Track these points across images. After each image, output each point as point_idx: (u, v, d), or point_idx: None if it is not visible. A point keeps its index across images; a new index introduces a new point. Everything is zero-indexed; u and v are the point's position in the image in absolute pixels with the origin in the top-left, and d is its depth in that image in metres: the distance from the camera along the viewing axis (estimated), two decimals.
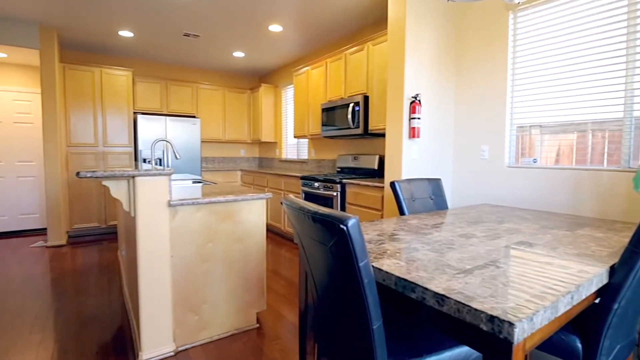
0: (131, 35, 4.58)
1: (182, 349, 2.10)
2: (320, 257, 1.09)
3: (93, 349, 2.12)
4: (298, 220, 1.15)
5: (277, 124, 6.20)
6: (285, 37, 4.58)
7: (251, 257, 2.30)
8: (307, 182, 4.08)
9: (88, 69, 4.86)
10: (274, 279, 3.27)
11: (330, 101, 4.20)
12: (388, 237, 1.49)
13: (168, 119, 5.31)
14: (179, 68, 6.12)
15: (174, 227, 2.02)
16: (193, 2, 3.54)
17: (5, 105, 5.02)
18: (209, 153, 6.45)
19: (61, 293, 2.98)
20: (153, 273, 1.97)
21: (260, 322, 2.43)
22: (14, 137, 5.10)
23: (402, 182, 2.17)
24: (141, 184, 1.89)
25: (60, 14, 3.92)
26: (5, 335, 2.28)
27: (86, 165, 4.92)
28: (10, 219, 5.14)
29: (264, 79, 6.77)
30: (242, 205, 2.22)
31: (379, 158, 3.89)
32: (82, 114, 4.85)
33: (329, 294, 1.12)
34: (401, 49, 2.70)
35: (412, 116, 2.67)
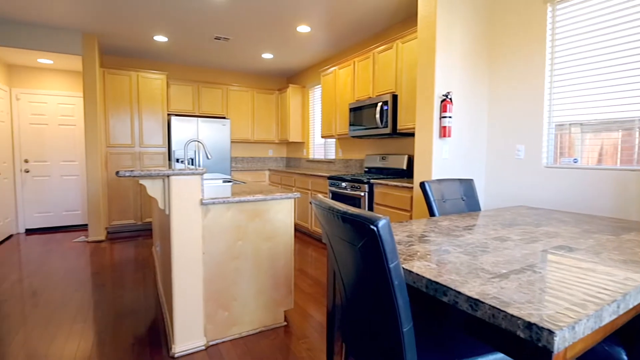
0: (165, 40, 4.76)
1: (213, 344, 2.16)
2: (349, 257, 1.09)
3: (129, 340, 2.22)
4: (327, 220, 1.15)
5: (304, 124, 6.24)
6: (313, 37, 4.60)
7: (279, 255, 2.33)
8: (335, 182, 4.08)
9: (126, 73, 5.09)
10: (301, 278, 3.30)
11: (358, 101, 4.18)
12: (418, 238, 1.46)
13: (200, 120, 5.47)
14: (209, 70, 6.30)
15: (205, 225, 2.08)
16: (224, 6, 3.63)
17: (51, 109, 5.36)
18: (238, 153, 6.59)
19: (100, 286, 3.14)
20: (186, 269, 2.04)
21: (288, 320, 2.46)
22: (59, 138, 5.43)
23: (432, 183, 2.13)
24: (175, 183, 1.96)
25: (101, 22, 4.13)
26: (50, 324, 2.43)
27: (123, 165, 5.17)
28: (55, 215, 5.49)
29: (291, 80, 6.84)
30: (271, 204, 2.26)
31: (408, 158, 3.82)
32: (120, 116, 5.09)
33: (358, 294, 1.12)
34: (431, 46, 2.64)
35: (443, 115, 2.61)
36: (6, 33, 4.17)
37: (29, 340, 2.22)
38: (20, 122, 5.18)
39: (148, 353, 2.06)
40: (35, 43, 4.31)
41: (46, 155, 5.37)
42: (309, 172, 4.90)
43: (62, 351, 2.09)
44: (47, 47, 4.37)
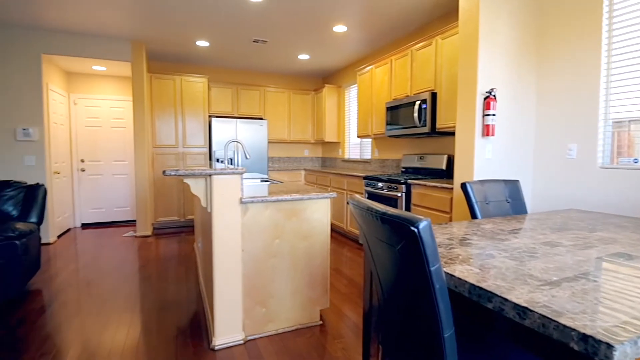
0: (207, 45, 4.95)
1: (251, 339, 2.22)
2: (387, 258, 1.07)
3: (172, 331, 2.33)
4: (365, 221, 1.14)
5: (340, 124, 6.23)
6: (349, 37, 4.58)
7: (316, 254, 2.35)
8: (371, 182, 4.04)
9: (170, 78, 5.36)
10: (337, 278, 3.30)
11: (395, 99, 4.11)
12: (459, 241, 1.41)
13: (238, 121, 5.64)
14: (248, 73, 6.47)
15: (244, 223, 2.14)
16: (262, 10, 3.71)
17: (104, 112, 5.76)
18: (275, 153, 6.71)
19: (146, 278, 3.33)
20: (226, 265, 2.11)
21: (324, 319, 2.47)
22: (111, 139, 5.83)
23: (474, 184, 2.05)
24: (217, 182, 2.04)
25: (148, 30, 4.38)
26: (102, 312, 2.61)
27: (168, 165, 5.44)
28: (107, 211, 5.89)
29: (327, 80, 6.86)
30: (307, 204, 2.28)
31: (448, 158, 3.70)
32: (165, 118, 5.36)
33: (396, 296, 1.10)
34: (474, 41, 2.53)
35: (486, 113, 2.50)
36: (66, 43, 4.53)
37: (84, 327, 2.40)
38: (77, 124, 5.62)
39: (190, 344, 2.16)
40: (91, 51, 4.65)
41: (99, 155, 5.78)
42: (344, 172, 4.89)
43: (113, 338, 2.24)
44: (101, 55, 4.70)
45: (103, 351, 2.09)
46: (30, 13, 3.89)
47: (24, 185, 3.22)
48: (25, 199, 3.16)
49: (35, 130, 4.46)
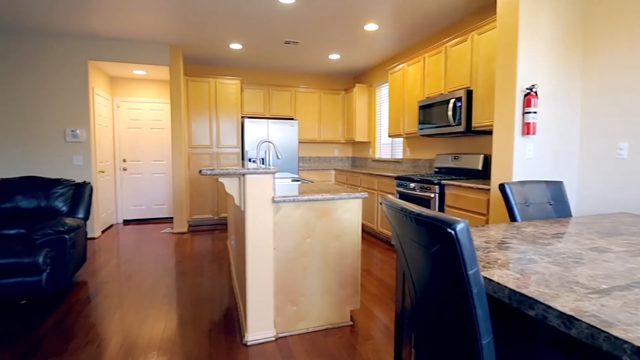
0: (240, 48, 5.07)
1: (282, 336, 2.25)
2: (421, 260, 1.05)
3: (207, 325, 2.41)
4: (398, 222, 1.12)
5: (370, 123, 6.18)
6: (380, 35, 4.53)
7: (346, 254, 2.34)
8: (402, 183, 3.97)
9: (205, 80, 5.54)
10: (367, 279, 3.27)
11: (428, 98, 4.02)
12: (497, 245, 1.35)
13: (270, 122, 5.73)
14: (279, 74, 6.56)
15: (276, 222, 2.17)
16: (294, 11, 3.75)
17: (144, 114, 6.05)
18: (305, 153, 6.76)
19: (182, 273, 3.46)
20: (258, 263, 2.15)
21: (354, 320, 2.46)
22: (150, 140, 6.11)
23: (513, 185, 1.96)
24: (250, 182, 2.08)
25: (185, 35, 4.55)
26: (142, 305, 2.74)
27: (203, 164, 5.62)
28: (147, 208, 6.18)
29: (358, 79, 6.82)
30: (339, 203, 2.27)
31: (484, 158, 3.57)
32: (200, 120, 5.55)
33: (430, 300, 1.07)
34: (513, 35, 2.42)
35: (527, 110, 2.38)
36: (110, 50, 4.80)
37: (125, 318, 2.53)
38: (119, 126, 5.94)
39: (223, 339, 2.22)
40: (132, 57, 4.90)
41: (140, 155, 6.07)
42: (375, 172, 4.84)
43: (151, 330, 2.34)
44: (141, 59, 4.94)
45: (142, 342, 2.20)
46: (79, 22, 4.15)
47: (73, 183, 3.45)
48: (74, 196, 3.38)
49: (83, 132, 4.76)
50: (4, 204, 3.18)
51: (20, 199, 3.22)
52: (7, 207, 3.18)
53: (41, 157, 4.65)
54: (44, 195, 3.26)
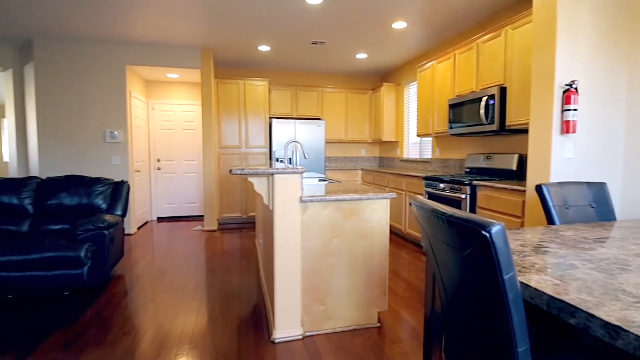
0: (268, 49, 5.14)
1: (309, 335, 2.26)
2: (453, 263, 1.02)
3: (235, 321, 2.46)
4: (429, 223, 1.10)
5: (398, 122, 6.09)
6: (409, 33, 4.45)
7: (374, 255, 2.32)
8: (431, 183, 3.88)
9: (234, 82, 5.66)
10: (395, 280, 3.23)
11: (458, 96, 3.91)
12: (534, 248, 1.29)
13: (297, 122, 5.78)
14: (306, 74, 6.60)
15: (304, 221, 2.18)
16: (321, 11, 3.75)
17: (177, 116, 6.27)
18: (332, 153, 6.76)
19: (212, 270, 3.56)
20: (286, 261, 2.17)
21: (381, 321, 2.43)
22: (183, 141, 6.32)
23: (551, 186, 1.86)
24: (279, 181, 2.11)
25: (216, 38, 4.67)
26: (175, 300, 2.84)
27: (232, 164, 5.76)
28: (179, 206, 6.40)
29: (385, 78, 6.74)
30: (366, 203, 2.26)
31: (519, 157, 3.43)
32: (230, 121, 5.68)
33: (462, 304, 1.04)
34: (551, 28, 2.31)
35: (566, 107, 2.26)
36: (146, 54, 5.01)
37: (158, 311, 2.63)
38: (154, 127, 6.18)
39: (252, 335, 2.26)
40: (166, 61, 5.09)
41: (173, 155, 6.30)
42: (403, 172, 4.77)
43: (184, 324, 2.43)
44: (174, 63, 5.12)
45: (175, 335, 2.28)
46: (118, 29, 4.36)
47: (111, 182, 3.63)
48: (113, 194, 3.56)
49: (121, 133, 5.00)
50: (50, 201, 3.39)
51: (65, 196, 3.42)
52: (53, 204, 3.39)
53: (83, 157, 4.93)
54: (85, 193, 3.45)
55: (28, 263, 2.76)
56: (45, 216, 3.38)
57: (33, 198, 3.42)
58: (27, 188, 3.42)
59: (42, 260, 2.77)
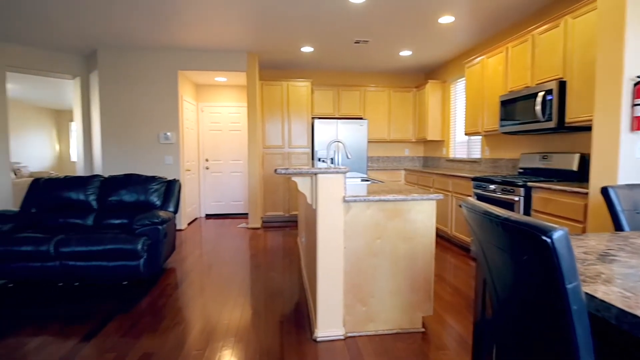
0: (311, 50, 5.19)
1: (351, 336, 2.25)
2: (507, 270, 0.96)
3: (278, 317, 2.51)
4: (481, 226, 1.04)
5: (444, 121, 5.87)
6: (456, 27, 4.27)
7: (418, 258, 2.25)
8: (481, 184, 3.70)
9: (278, 84, 5.78)
10: (440, 285, 3.12)
11: (511, 92, 3.68)
12: (599, 257, 1.18)
13: (339, 122, 5.78)
14: (348, 74, 6.57)
15: (347, 221, 2.17)
16: (364, 9, 3.72)
17: (224, 118, 6.54)
18: (374, 152, 6.68)
19: (256, 266, 3.66)
20: (329, 261, 2.18)
21: (426, 327, 2.36)
22: (229, 141, 6.58)
23: (619, 188, 1.70)
24: (322, 181, 2.12)
25: (261, 41, 4.80)
26: (221, 294, 2.96)
27: (276, 164, 5.89)
28: (225, 204, 6.67)
29: (430, 75, 6.53)
30: (411, 205, 2.20)
31: (580, 157, 3.16)
32: (273, 121, 5.82)
33: (517, 313, 0.98)
34: (618, 15, 2.10)
35: (637, 102, 2.05)
36: (196, 60, 5.28)
37: (206, 304, 2.76)
38: (203, 129, 6.50)
39: (294, 332, 2.30)
40: (215, 65, 5.32)
41: (220, 155, 6.58)
42: (449, 172, 4.59)
43: (229, 318, 2.52)
44: (222, 67, 5.34)
45: (221, 327, 2.37)
46: (171, 36, 4.63)
47: (165, 180, 3.86)
48: (166, 191, 3.79)
49: (173, 135, 5.31)
50: (111, 197, 3.68)
51: (124, 193, 3.70)
52: (114, 200, 3.68)
53: (140, 157, 5.30)
54: (142, 190, 3.71)
55: (92, 254, 3.02)
56: (107, 211, 3.67)
57: (97, 194, 3.74)
58: (92, 185, 3.74)
59: (105, 251, 3.02)
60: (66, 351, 2.08)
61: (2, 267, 3.00)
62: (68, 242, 3.02)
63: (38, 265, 3.03)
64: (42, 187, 3.67)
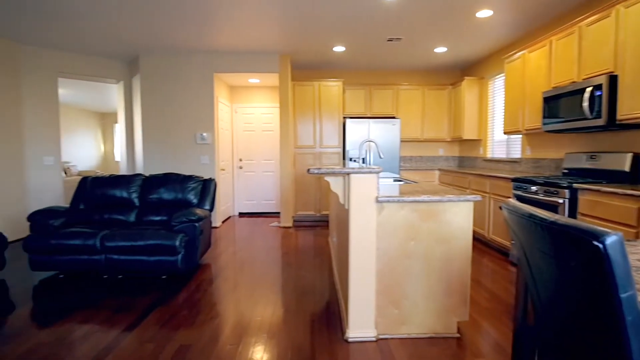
0: (343, 50, 5.18)
1: (383, 338, 2.22)
2: (552, 276, 0.91)
3: (309, 316, 2.53)
4: (524, 229, 0.99)
5: (481, 119, 5.65)
6: (495, 21, 4.10)
7: (454, 261, 2.19)
8: (521, 185, 3.53)
9: (309, 84, 5.82)
10: (476, 290, 3.00)
11: (555, 87, 3.48)
12: None
13: (371, 121, 5.72)
14: (380, 73, 6.49)
15: (379, 222, 2.15)
16: (397, 6, 3.65)
17: (257, 118, 6.67)
18: (407, 152, 6.56)
19: (288, 265, 3.70)
20: (361, 261, 2.17)
21: (461, 332, 2.28)
22: (262, 141, 6.71)
23: None
24: (355, 181, 2.11)
25: (293, 43, 4.85)
26: (254, 291, 3.02)
27: (307, 164, 5.93)
28: (257, 203, 6.81)
29: (466, 72, 6.31)
30: (447, 206, 2.14)
31: (633, 157, 2.93)
32: (305, 121, 5.86)
33: (562, 322, 0.92)
34: None
35: None
36: (230, 62, 5.42)
37: (239, 300, 2.83)
38: (237, 129, 6.67)
39: (325, 331, 2.30)
40: (248, 67, 5.45)
41: (252, 155, 6.72)
42: (486, 172, 4.41)
43: (262, 314, 2.57)
44: (255, 69, 5.45)
45: (254, 324, 2.42)
46: (207, 40, 4.79)
47: (201, 179, 4.00)
48: (202, 190, 3.92)
49: (209, 135, 5.49)
50: (151, 195, 3.87)
51: (163, 191, 3.87)
52: (154, 198, 3.86)
53: (177, 157, 5.53)
54: (180, 188, 3.86)
55: (135, 249, 3.19)
56: (147, 208, 3.86)
57: (139, 192, 3.94)
58: (134, 184, 3.94)
59: (146, 247, 3.17)
60: (110, 340, 2.21)
61: (55, 259, 3.24)
62: (112, 237, 3.21)
63: (85, 258, 3.23)
64: (90, 185, 3.91)
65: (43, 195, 5.11)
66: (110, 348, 2.12)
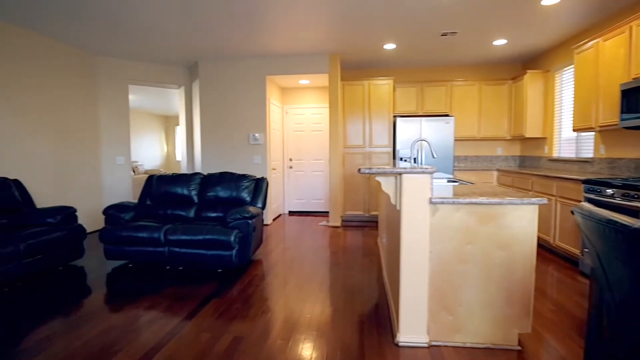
0: (394, 47, 5.07)
1: (435, 344, 2.14)
2: (634, 286, 0.81)
3: (358, 317, 2.51)
4: (600, 236, 0.90)
5: (546, 115, 5.22)
6: (562, 8, 3.76)
7: (515, 268, 2.04)
8: (594, 188, 3.20)
9: (359, 83, 5.78)
10: (540, 300, 2.78)
11: (635, 79, 3.11)
12: None
13: (423, 120, 5.54)
14: (433, 69, 6.26)
15: (433, 224, 2.07)
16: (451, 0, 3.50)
17: (307, 119, 6.77)
18: (461, 151, 6.26)
19: (336, 264, 3.71)
20: (413, 264, 2.11)
21: (522, 345, 2.13)
22: (311, 141, 6.80)
23: None
24: (407, 181, 2.05)
25: (342, 43, 4.85)
26: (303, 289, 3.07)
27: (356, 164, 5.90)
28: (307, 202, 6.91)
29: (528, 65, 5.86)
30: (507, 209, 2.00)
31: None
32: (354, 121, 5.83)
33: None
34: None
35: None
36: (281, 65, 5.57)
37: (289, 297, 2.89)
38: (287, 130, 6.82)
39: (375, 333, 2.27)
40: (299, 69, 5.55)
41: (302, 155, 6.84)
42: (552, 173, 4.07)
43: (311, 312, 2.60)
44: (306, 70, 5.54)
45: (303, 321, 2.46)
46: (260, 45, 4.96)
47: (254, 178, 4.15)
48: (255, 189, 4.07)
49: (261, 136, 5.68)
50: (209, 193, 4.09)
51: (220, 189, 4.07)
52: (211, 196, 4.08)
53: (232, 157, 5.79)
54: (234, 187, 4.04)
55: (194, 243, 3.39)
56: (205, 205, 4.09)
57: (198, 190, 4.19)
58: (193, 182, 4.20)
59: (204, 241, 3.37)
60: (172, 327, 2.38)
61: (125, 249, 3.56)
62: (175, 231, 3.45)
63: (151, 250, 3.51)
64: (155, 183, 4.24)
65: (115, 191, 5.65)
66: (172, 334, 2.28)
